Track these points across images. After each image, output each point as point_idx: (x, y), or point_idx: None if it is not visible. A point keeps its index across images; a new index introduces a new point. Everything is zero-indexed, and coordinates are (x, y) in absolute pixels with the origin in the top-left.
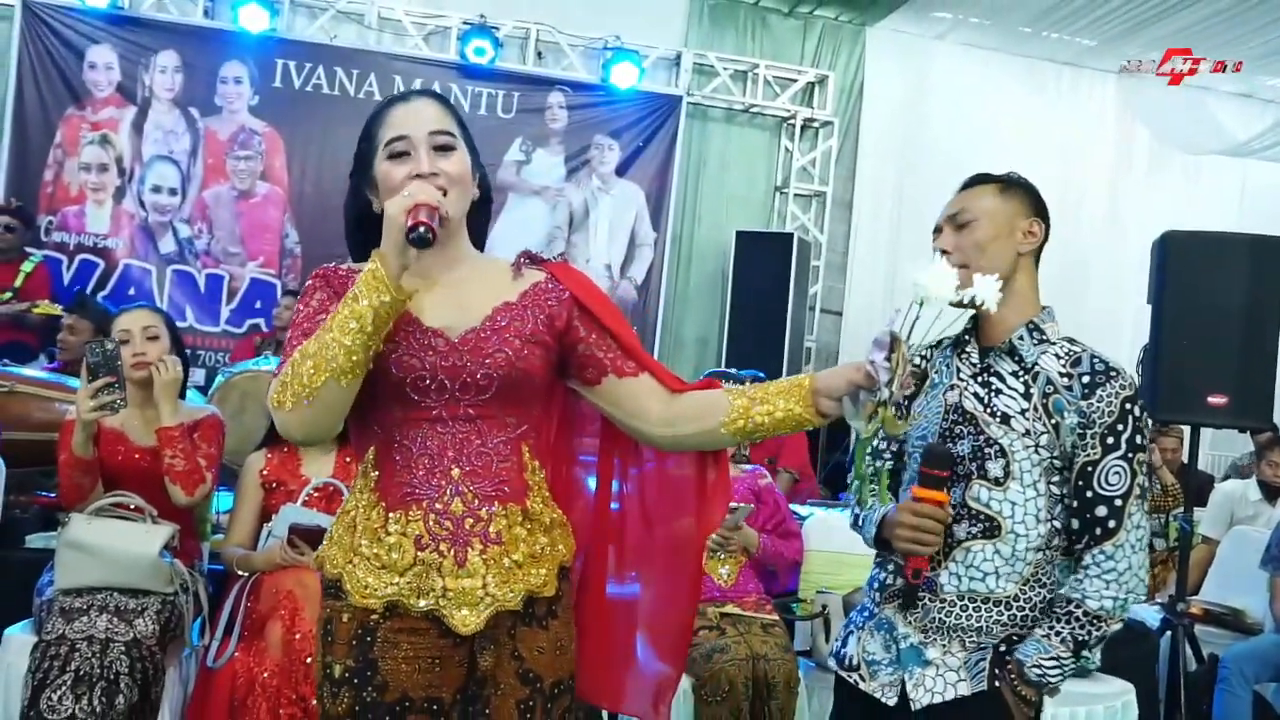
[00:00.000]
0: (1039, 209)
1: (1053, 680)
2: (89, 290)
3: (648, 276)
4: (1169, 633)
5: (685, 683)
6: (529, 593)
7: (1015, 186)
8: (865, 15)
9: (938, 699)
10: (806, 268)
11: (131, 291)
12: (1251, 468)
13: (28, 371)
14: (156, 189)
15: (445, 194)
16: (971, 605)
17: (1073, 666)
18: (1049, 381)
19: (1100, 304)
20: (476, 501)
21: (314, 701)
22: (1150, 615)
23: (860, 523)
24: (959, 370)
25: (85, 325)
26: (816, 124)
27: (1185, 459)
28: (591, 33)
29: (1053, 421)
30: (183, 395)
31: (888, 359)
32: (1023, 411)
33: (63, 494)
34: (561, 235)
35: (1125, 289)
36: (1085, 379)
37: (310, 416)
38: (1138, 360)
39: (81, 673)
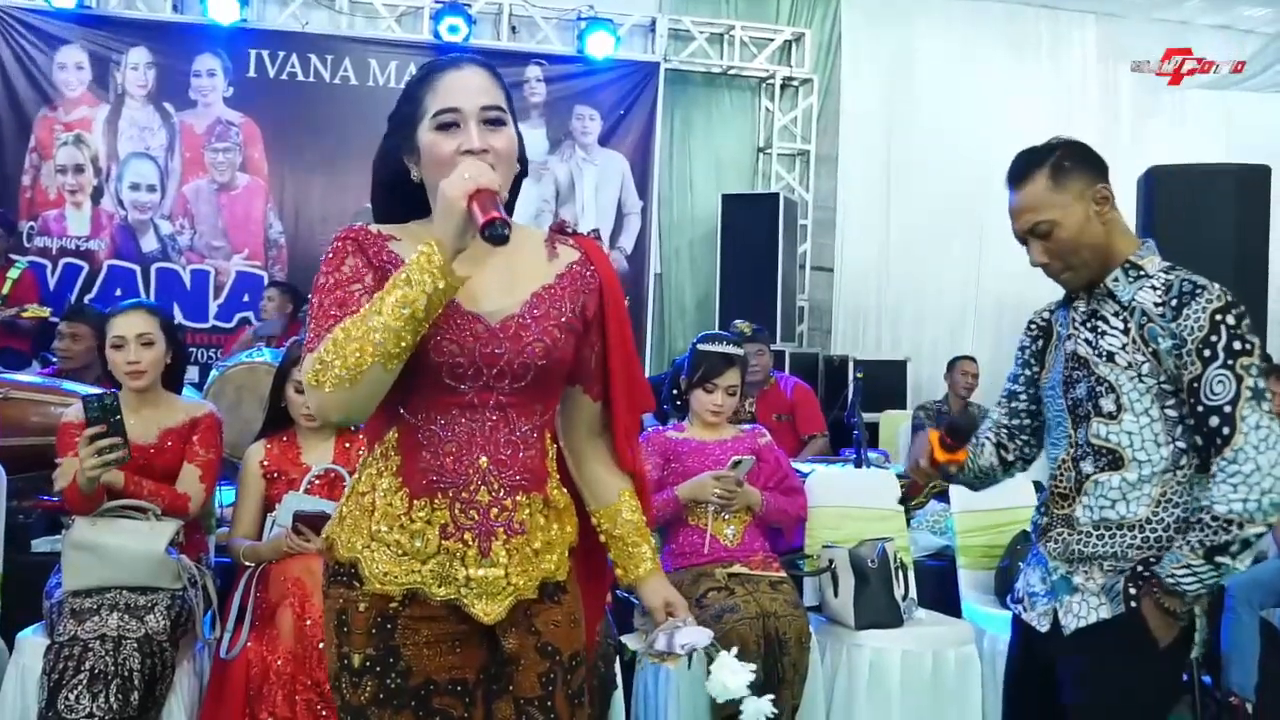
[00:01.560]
0: (1096, 168)
1: (1188, 588)
2: (75, 293)
3: (637, 245)
4: None
5: None
6: (544, 579)
7: (1064, 166)
8: None
9: (1082, 623)
10: (794, 227)
11: (118, 292)
12: None
13: (20, 377)
14: (135, 186)
15: (494, 170)
16: (1106, 533)
17: (1210, 574)
18: (1144, 313)
19: None
20: (502, 491)
21: (329, 687)
22: None
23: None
24: (1073, 319)
25: (85, 330)
26: (796, 82)
27: None
28: (564, 4)
29: (1150, 349)
30: (179, 390)
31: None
32: (1124, 347)
33: (69, 507)
34: (549, 209)
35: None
36: (1174, 302)
37: (350, 398)
38: None
39: (96, 671)
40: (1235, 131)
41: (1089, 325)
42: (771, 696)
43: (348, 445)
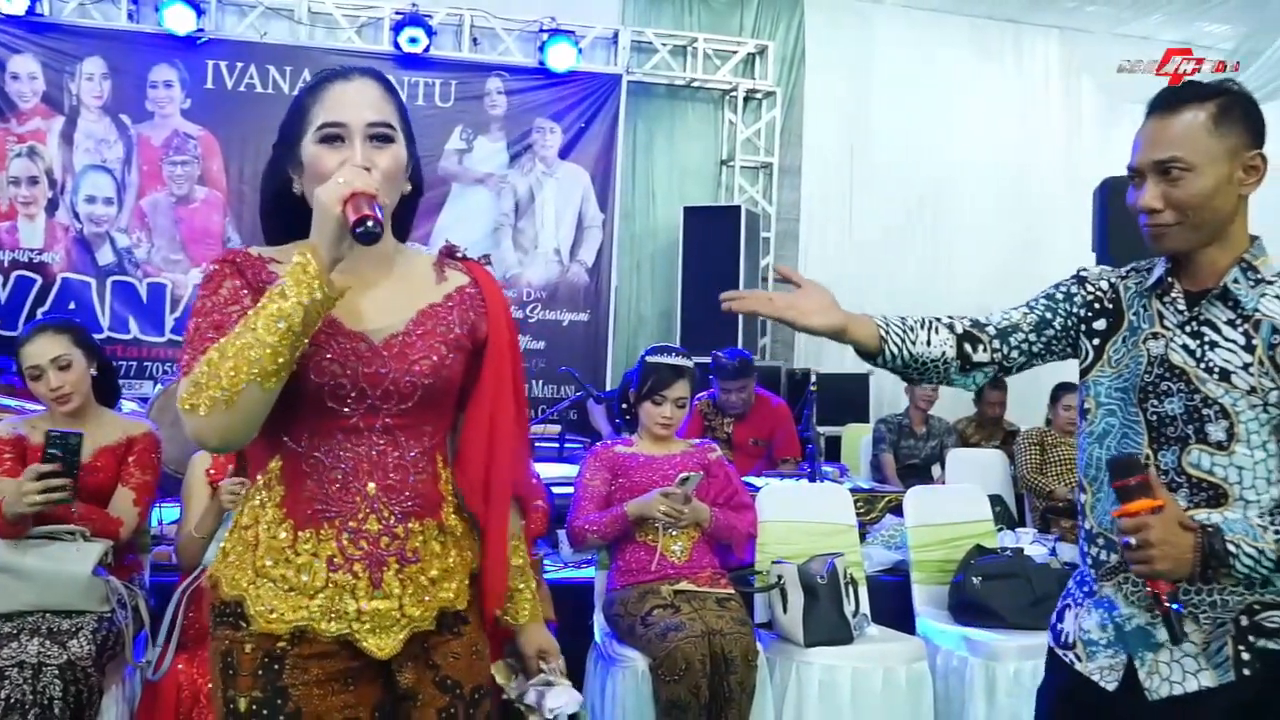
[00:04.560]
0: (1260, 133)
1: (1238, 568)
2: (27, 306)
3: (598, 258)
4: None
5: (642, 663)
6: (442, 609)
7: (1234, 110)
8: None
9: (1178, 690)
10: (756, 239)
11: (72, 305)
12: None
13: None
14: (91, 199)
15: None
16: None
17: (1267, 572)
18: (1274, 330)
19: (1063, 255)
20: (393, 519)
21: None
22: None
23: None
24: (1161, 317)
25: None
26: (759, 95)
27: None
28: (526, 15)
29: None
30: (116, 404)
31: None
32: (1246, 366)
33: None
34: (508, 222)
35: (1084, 240)
36: None
37: (228, 421)
38: None
39: (13, 700)
40: None
41: (1189, 330)
42: None
43: None
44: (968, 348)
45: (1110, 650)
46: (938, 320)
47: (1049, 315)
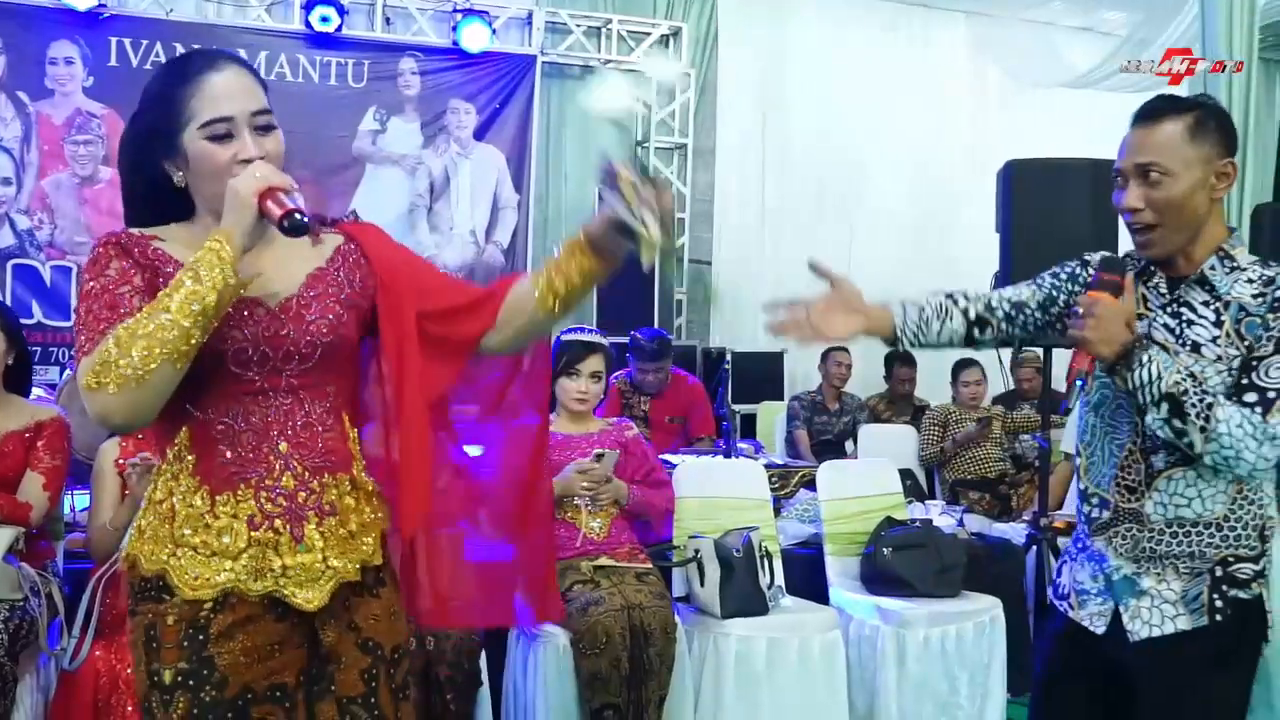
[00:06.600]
0: (1231, 143)
1: (1134, 374)
2: None
3: (513, 239)
4: (1034, 548)
5: (563, 637)
6: (363, 562)
7: (1208, 123)
8: None
9: (1156, 632)
10: (671, 220)
11: None
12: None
13: None
14: None
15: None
16: (1181, 531)
17: (1152, 395)
18: (1241, 308)
19: (967, 238)
20: (307, 474)
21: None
22: (1015, 532)
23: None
24: (1145, 300)
25: None
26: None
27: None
28: None
29: (1245, 344)
30: (26, 392)
31: (616, 191)
32: (1214, 339)
33: None
34: (423, 204)
35: (989, 222)
36: (1278, 294)
37: (137, 399)
38: (990, 287)
39: None
40: (1097, 127)
41: (1169, 310)
42: None
43: None
44: (976, 331)
45: (1100, 598)
46: (952, 305)
47: (1054, 293)
